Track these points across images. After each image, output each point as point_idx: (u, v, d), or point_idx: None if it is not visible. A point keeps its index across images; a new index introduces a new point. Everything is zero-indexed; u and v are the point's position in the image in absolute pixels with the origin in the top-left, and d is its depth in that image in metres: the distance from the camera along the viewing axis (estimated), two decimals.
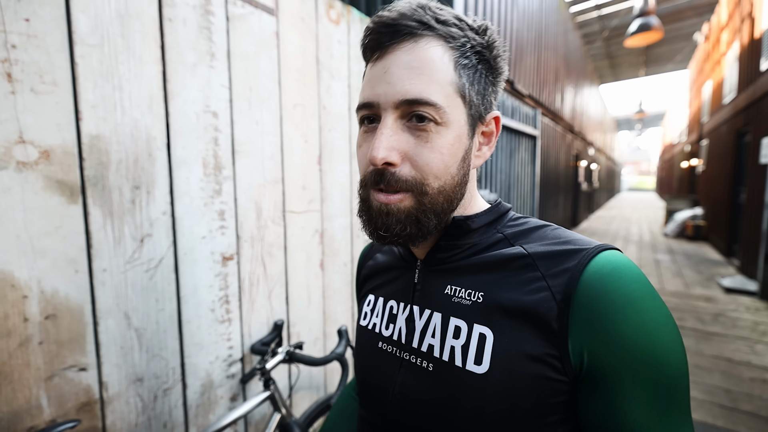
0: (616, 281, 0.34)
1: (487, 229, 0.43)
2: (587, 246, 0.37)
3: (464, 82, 0.38)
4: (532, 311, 0.35)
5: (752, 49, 4.74)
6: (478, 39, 0.39)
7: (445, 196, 0.39)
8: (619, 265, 0.35)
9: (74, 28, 0.74)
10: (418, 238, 0.39)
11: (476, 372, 0.36)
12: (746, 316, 3.33)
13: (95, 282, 0.78)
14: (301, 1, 1.25)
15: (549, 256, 0.37)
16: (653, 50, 10.45)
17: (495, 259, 0.40)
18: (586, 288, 0.34)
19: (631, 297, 0.33)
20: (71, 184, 0.74)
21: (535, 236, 0.41)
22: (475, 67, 0.39)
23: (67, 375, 0.75)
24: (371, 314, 0.50)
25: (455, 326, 0.39)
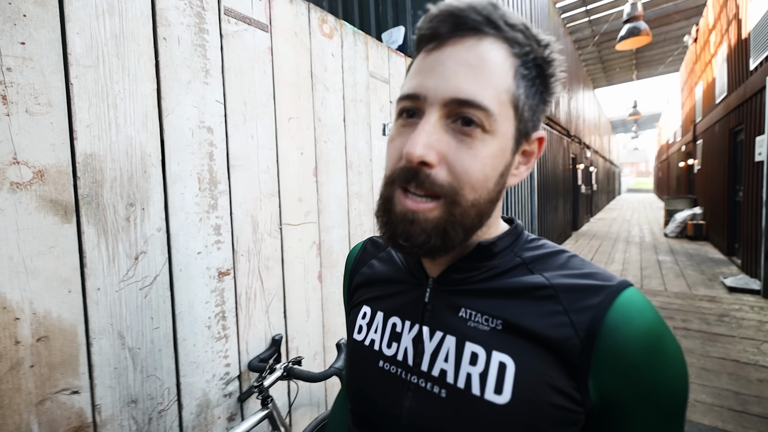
0: (641, 325, 0.34)
1: (506, 252, 0.42)
2: (609, 283, 0.37)
3: (521, 92, 0.36)
4: (554, 345, 0.35)
5: (740, 49, 4.81)
6: (541, 51, 0.37)
7: (477, 211, 0.36)
8: (642, 307, 0.35)
9: (69, 50, 0.75)
10: (440, 252, 0.36)
11: (496, 402, 0.35)
12: (751, 316, 3.30)
13: (89, 301, 0.78)
14: (295, 17, 1.27)
15: (572, 290, 0.37)
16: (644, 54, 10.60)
17: (515, 286, 0.39)
18: (611, 329, 0.34)
19: (653, 338, 0.34)
20: (65, 204, 0.74)
21: (555, 264, 0.40)
22: (534, 80, 0.37)
23: (59, 399, 0.73)
24: (367, 328, 0.47)
25: (472, 352, 0.37)
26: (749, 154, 4.45)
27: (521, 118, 0.37)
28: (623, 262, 5.61)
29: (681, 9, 7.53)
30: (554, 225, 6.53)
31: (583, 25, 7.97)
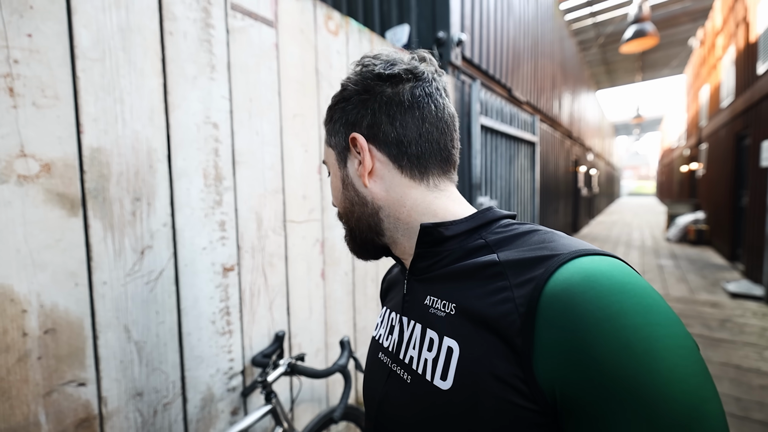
0: (586, 292, 0.28)
1: (469, 236, 0.41)
2: (562, 251, 0.32)
3: (328, 135, 0.49)
4: (496, 324, 0.32)
5: (748, 53, 4.78)
6: (337, 98, 0.48)
7: (352, 216, 0.47)
8: (596, 272, 0.29)
9: (76, 43, 0.75)
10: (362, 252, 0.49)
11: (441, 387, 0.35)
12: (753, 322, 3.29)
13: (95, 295, 0.78)
14: (300, 13, 1.26)
15: (519, 264, 0.34)
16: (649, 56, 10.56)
17: (468, 267, 0.38)
18: (550, 300, 0.29)
19: (609, 311, 0.27)
20: (72, 197, 0.74)
21: (518, 242, 0.37)
22: (332, 118, 0.48)
23: (65, 390, 0.74)
24: (380, 326, 0.52)
25: (429, 338, 0.39)
26: (755, 159, 4.42)
27: (335, 145, 0.48)
28: None
29: (688, 11, 7.49)
30: (554, 227, 6.51)
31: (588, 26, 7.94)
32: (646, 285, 0.29)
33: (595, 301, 0.28)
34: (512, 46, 3.91)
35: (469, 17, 2.82)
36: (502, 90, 3.68)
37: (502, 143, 3.01)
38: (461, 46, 2.60)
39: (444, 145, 0.45)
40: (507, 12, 3.72)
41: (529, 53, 4.60)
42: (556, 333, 0.28)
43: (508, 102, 3.38)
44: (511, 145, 3.20)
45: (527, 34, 4.48)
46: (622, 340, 0.26)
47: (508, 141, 3.14)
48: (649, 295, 0.28)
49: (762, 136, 4.17)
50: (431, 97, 0.44)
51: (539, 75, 5.10)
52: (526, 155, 3.51)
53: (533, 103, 4.77)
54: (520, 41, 4.18)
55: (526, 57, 4.44)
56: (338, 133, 0.47)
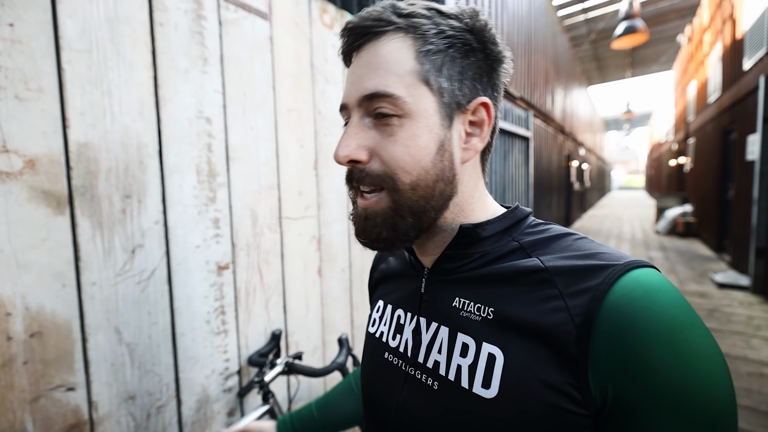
0: (649, 306, 0.29)
1: (501, 236, 0.39)
2: (615, 262, 0.32)
3: (428, 68, 0.36)
4: (547, 334, 0.32)
5: (735, 50, 4.86)
6: (453, 23, 0.37)
7: (421, 193, 0.36)
8: (654, 287, 0.30)
9: (61, 33, 0.71)
10: (396, 243, 0.38)
11: (483, 396, 0.33)
12: (740, 311, 3.37)
13: (84, 296, 0.75)
14: (295, 5, 1.23)
15: (569, 272, 0.33)
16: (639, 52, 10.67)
17: (508, 271, 0.36)
18: (611, 312, 0.30)
19: (667, 325, 0.29)
20: (58, 195, 0.71)
21: (556, 247, 0.36)
22: (444, 51, 0.36)
23: (54, 396, 0.71)
24: (379, 321, 0.48)
25: (462, 343, 0.36)
26: (741, 153, 4.51)
27: (441, 91, 0.37)
28: None
29: (676, 8, 7.58)
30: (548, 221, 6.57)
31: (580, 23, 7.98)
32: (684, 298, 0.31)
33: (657, 316, 0.29)
34: (506, 41, 3.90)
35: None
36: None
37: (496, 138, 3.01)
38: None
39: None
40: (501, 7, 3.71)
41: (523, 49, 4.61)
42: (617, 344, 0.30)
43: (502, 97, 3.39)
44: (506, 140, 3.21)
45: (521, 30, 4.48)
46: (677, 351, 0.29)
47: (503, 136, 3.14)
48: (691, 308, 0.31)
49: (748, 130, 4.25)
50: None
51: (532, 70, 5.11)
52: (520, 150, 3.53)
53: (527, 99, 4.79)
54: (513, 37, 4.18)
55: (519, 52, 4.44)
56: (454, 80, 0.37)
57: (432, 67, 0.36)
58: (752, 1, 4.14)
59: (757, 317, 3.22)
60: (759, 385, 2.19)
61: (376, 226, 0.37)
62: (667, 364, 0.28)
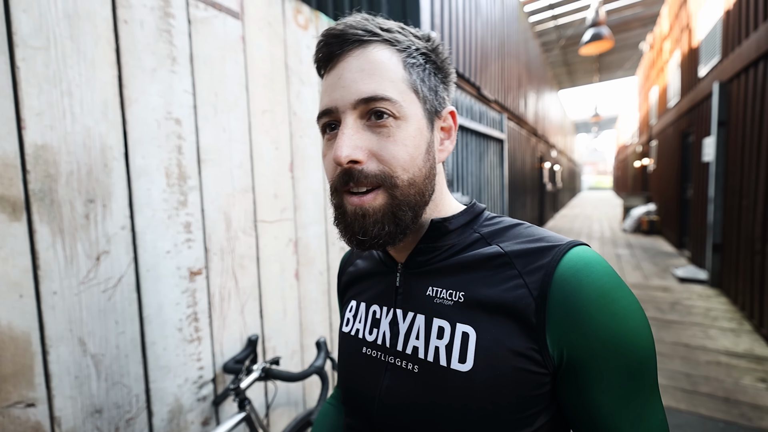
0: (588, 276, 0.36)
1: (465, 229, 0.45)
2: (559, 242, 0.39)
3: (415, 78, 0.40)
4: (511, 308, 0.37)
5: (691, 57, 5.18)
6: (422, 43, 0.42)
7: (416, 189, 0.40)
8: (590, 261, 0.37)
9: (15, 29, 0.68)
10: (398, 236, 0.40)
11: (461, 370, 0.37)
12: (699, 303, 3.59)
13: (44, 307, 0.71)
14: (268, 5, 1.22)
15: (524, 254, 0.39)
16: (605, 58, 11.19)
17: (473, 258, 0.41)
18: (560, 283, 0.36)
19: (602, 290, 0.35)
20: (13, 200, 0.67)
21: (510, 235, 0.42)
22: (423, 65, 0.41)
23: (11, 413, 0.67)
24: (354, 320, 0.49)
25: (438, 326, 0.40)
26: (698, 155, 4.81)
27: (425, 99, 0.41)
28: None
29: (639, 17, 8.00)
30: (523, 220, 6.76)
31: (550, 29, 8.28)
32: (612, 267, 0.38)
33: (595, 282, 0.36)
34: (480, 45, 3.99)
35: (439, 16, 2.85)
36: (472, 88, 3.76)
37: (472, 140, 3.07)
38: None
39: None
40: (475, 12, 3.80)
41: (497, 53, 4.73)
42: (566, 309, 0.35)
43: (477, 100, 3.46)
44: (481, 143, 3.28)
45: (494, 35, 4.60)
46: (611, 311, 0.35)
47: (478, 138, 3.21)
48: (618, 276, 0.38)
49: (703, 133, 4.54)
50: None
51: (506, 74, 5.26)
52: (495, 152, 3.62)
53: (501, 102, 4.92)
54: (487, 41, 4.28)
55: (493, 57, 4.56)
56: (432, 90, 0.42)
57: (418, 78, 0.40)
58: (706, 12, 4.44)
59: (714, 309, 3.44)
60: (716, 373, 2.34)
61: (377, 222, 0.38)
62: (605, 321, 0.35)
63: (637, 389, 0.35)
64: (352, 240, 0.40)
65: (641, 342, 0.35)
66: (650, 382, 0.36)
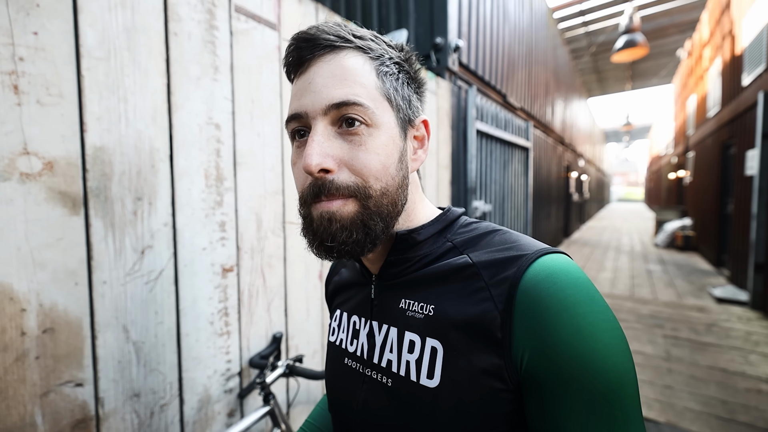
0: (550, 287, 0.33)
1: (437, 238, 0.43)
2: (527, 252, 0.36)
3: (388, 86, 0.39)
4: (477, 322, 0.35)
5: (734, 65, 4.93)
6: (395, 53, 0.42)
7: (389, 199, 0.38)
8: (555, 270, 0.34)
9: (81, 42, 0.75)
10: (366, 246, 0.38)
11: (428, 386, 0.36)
12: (739, 326, 3.37)
13: (95, 294, 0.77)
14: (303, 16, 1.28)
15: (492, 264, 0.37)
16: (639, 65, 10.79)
17: (443, 270, 0.39)
18: (523, 296, 0.34)
19: (565, 303, 0.32)
20: (74, 196, 0.74)
21: (483, 243, 0.40)
22: (396, 75, 0.41)
23: (62, 391, 0.73)
24: (338, 329, 0.50)
25: (410, 340, 0.39)
26: (740, 168, 4.55)
27: (398, 108, 0.40)
28: (614, 270, 5.69)
29: (676, 23, 7.69)
30: (546, 231, 6.60)
31: (580, 35, 8.10)
32: (588, 279, 0.35)
33: (556, 294, 0.33)
34: (507, 52, 3.97)
35: (466, 23, 2.86)
36: (497, 96, 3.73)
37: (496, 148, 3.05)
38: (458, 52, 2.64)
39: None
40: (503, 19, 3.78)
41: (524, 60, 4.68)
42: (528, 323, 0.33)
43: (502, 108, 3.43)
44: (506, 150, 3.24)
45: (522, 42, 4.56)
46: (574, 326, 0.32)
47: (503, 146, 3.18)
48: (591, 288, 0.34)
49: (747, 145, 4.30)
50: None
51: (533, 82, 5.18)
52: (519, 160, 3.56)
53: (527, 110, 4.84)
54: (515, 48, 4.25)
55: (520, 64, 4.51)
56: (406, 99, 0.42)
57: (391, 86, 0.40)
58: (751, 18, 4.22)
59: (755, 333, 3.22)
60: (757, 402, 2.19)
61: (345, 228, 0.36)
62: (566, 337, 0.31)
63: (604, 421, 0.30)
64: (320, 247, 0.38)
65: (609, 366, 0.31)
66: (621, 415, 0.31)
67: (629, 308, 3.92)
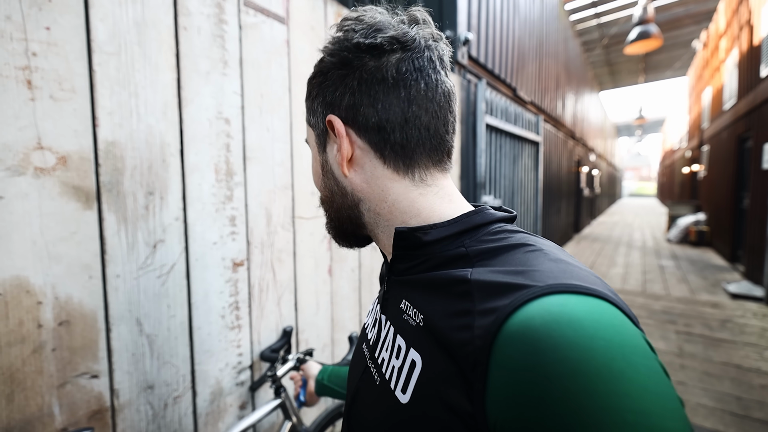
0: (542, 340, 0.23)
1: (452, 241, 0.36)
2: (537, 282, 0.27)
3: (307, 113, 0.45)
4: (454, 351, 0.29)
5: (751, 56, 4.78)
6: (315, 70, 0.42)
7: (330, 206, 0.45)
8: (559, 317, 0.24)
9: (93, 37, 0.75)
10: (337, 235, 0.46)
11: (400, 400, 0.34)
12: (754, 322, 3.30)
13: (108, 288, 0.78)
14: (311, 10, 1.26)
15: (489, 288, 0.29)
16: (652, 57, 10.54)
17: (440, 279, 0.34)
18: (506, 341, 0.25)
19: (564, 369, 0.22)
20: (87, 190, 0.75)
21: (503, 259, 0.32)
22: (310, 95, 0.43)
23: (79, 382, 0.74)
24: (370, 314, 0.51)
25: (398, 345, 0.37)
26: (757, 162, 4.43)
27: (313, 125, 0.44)
28: (625, 266, 5.61)
29: (692, 14, 7.48)
30: (557, 227, 6.52)
31: (592, 27, 7.93)
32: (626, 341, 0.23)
33: (551, 353, 0.23)
34: (517, 45, 3.90)
35: (476, 16, 2.82)
36: (507, 90, 3.67)
37: (506, 143, 3.01)
38: (468, 46, 2.60)
39: (435, 130, 0.38)
40: (513, 12, 3.71)
41: (534, 53, 4.60)
42: (508, 377, 0.25)
43: (512, 102, 3.38)
44: (515, 145, 3.20)
45: (532, 34, 4.48)
46: (573, 406, 0.21)
47: (513, 140, 3.14)
48: (624, 356, 0.22)
49: (764, 138, 4.17)
50: (421, 72, 0.37)
51: (544, 75, 5.09)
52: (529, 155, 3.52)
53: (537, 103, 4.77)
54: (525, 41, 4.18)
55: (530, 57, 4.43)
56: (316, 113, 0.42)
57: (308, 111, 0.44)
58: None
59: None
60: None
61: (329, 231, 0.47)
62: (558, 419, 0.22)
63: None
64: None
65: None
66: None
67: (641, 304, 3.86)
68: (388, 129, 0.37)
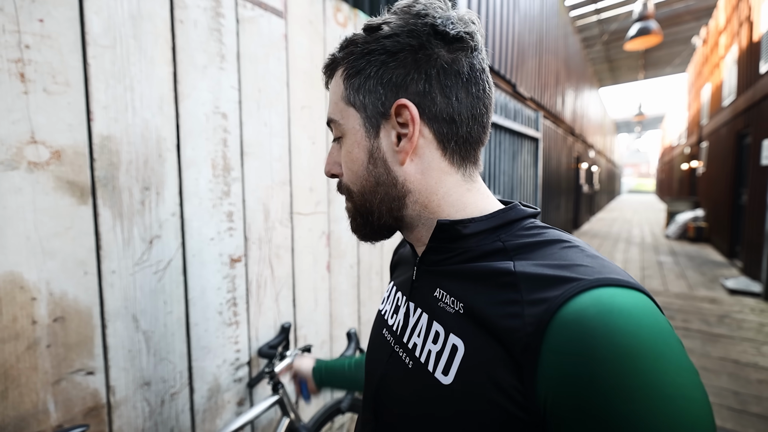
0: (600, 327, 0.26)
1: (488, 235, 0.39)
2: (584, 276, 0.30)
3: (350, 92, 0.41)
4: (503, 336, 0.32)
5: (751, 52, 4.77)
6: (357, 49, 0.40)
7: (366, 197, 0.42)
8: (613, 307, 0.27)
9: (87, 29, 0.74)
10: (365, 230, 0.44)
11: (442, 382, 0.35)
12: (751, 318, 3.32)
13: (104, 284, 0.78)
14: (310, 4, 1.25)
15: (536, 279, 0.32)
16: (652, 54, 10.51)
17: (482, 270, 0.37)
18: (560, 328, 0.28)
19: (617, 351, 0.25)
20: (82, 185, 0.74)
21: (540, 253, 0.35)
22: (362, 71, 0.39)
23: (74, 379, 0.74)
24: (386, 300, 0.52)
25: (435, 331, 0.39)
26: (755, 158, 4.43)
27: (364, 106, 0.40)
28: (624, 262, 5.62)
29: (692, 10, 7.45)
30: (555, 223, 6.53)
31: (592, 24, 7.89)
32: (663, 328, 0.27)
33: (605, 338, 0.26)
34: (517, 42, 3.88)
35: (475, 11, 2.80)
36: (507, 86, 3.66)
37: (506, 139, 3.00)
38: None
39: (487, 129, 0.41)
40: (513, 7, 3.69)
41: (534, 49, 4.58)
42: (562, 360, 0.27)
43: (512, 98, 3.37)
44: (515, 141, 3.19)
45: (532, 30, 4.45)
46: (623, 383, 0.25)
47: (512, 137, 3.13)
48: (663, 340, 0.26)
49: (763, 134, 4.17)
50: (483, 73, 0.39)
51: (543, 71, 5.07)
52: (529, 151, 3.51)
53: (537, 100, 4.75)
54: (525, 37, 4.15)
55: (530, 53, 4.41)
56: (372, 93, 0.39)
57: (352, 89, 0.40)
58: None
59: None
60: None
61: (352, 218, 0.45)
62: (610, 393, 0.25)
63: None
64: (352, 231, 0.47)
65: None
66: None
67: None
68: (458, 122, 0.39)
